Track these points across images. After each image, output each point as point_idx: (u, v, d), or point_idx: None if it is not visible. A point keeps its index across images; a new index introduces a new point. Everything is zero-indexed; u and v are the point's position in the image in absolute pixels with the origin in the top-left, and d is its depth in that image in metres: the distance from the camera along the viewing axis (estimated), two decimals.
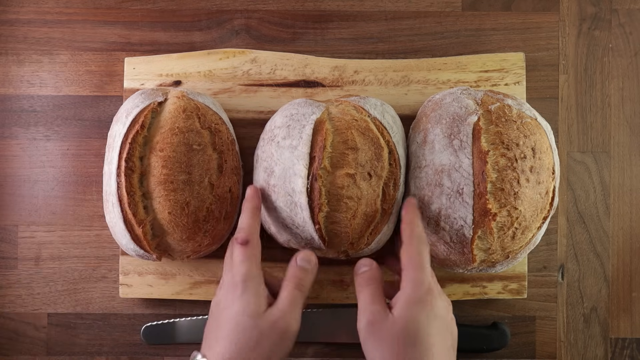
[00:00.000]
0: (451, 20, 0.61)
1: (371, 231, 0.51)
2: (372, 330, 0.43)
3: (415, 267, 0.45)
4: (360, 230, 0.50)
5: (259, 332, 0.43)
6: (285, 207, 0.49)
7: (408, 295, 0.44)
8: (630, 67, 0.61)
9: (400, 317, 0.43)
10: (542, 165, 0.51)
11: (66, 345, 0.59)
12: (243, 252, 0.46)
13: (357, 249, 0.51)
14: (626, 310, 0.60)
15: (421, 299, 0.43)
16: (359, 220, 0.50)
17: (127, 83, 0.58)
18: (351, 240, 0.50)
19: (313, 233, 0.49)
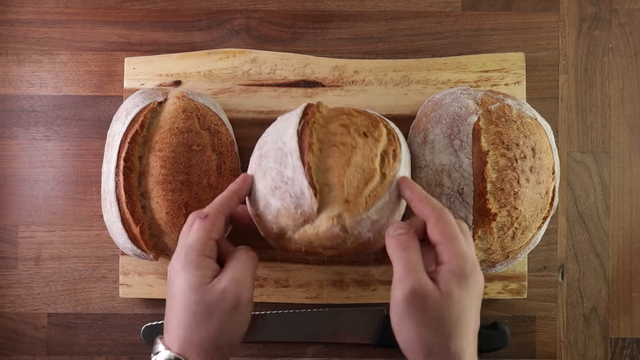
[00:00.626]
0: (451, 20, 0.61)
1: (369, 193, 0.43)
2: (415, 304, 0.37)
3: (453, 238, 0.39)
4: (356, 185, 0.43)
5: (205, 305, 0.40)
6: (275, 165, 0.44)
7: (454, 268, 0.38)
8: (630, 67, 0.61)
9: (449, 293, 0.37)
10: (542, 165, 0.51)
11: (66, 345, 0.59)
12: (197, 224, 0.42)
13: (354, 212, 0.42)
14: (626, 310, 0.60)
15: (469, 274, 0.38)
16: (354, 171, 0.43)
17: (127, 83, 0.58)
18: (346, 196, 0.42)
19: (303, 180, 0.42)
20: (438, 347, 0.38)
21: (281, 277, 0.58)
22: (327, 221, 0.42)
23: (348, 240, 0.42)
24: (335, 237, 0.42)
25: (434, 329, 0.38)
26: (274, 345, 0.59)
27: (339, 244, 0.43)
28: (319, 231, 0.42)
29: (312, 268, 0.58)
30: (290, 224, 0.43)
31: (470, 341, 0.39)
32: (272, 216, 0.44)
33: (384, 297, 0.58)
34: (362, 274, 0.58)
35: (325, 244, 0.43)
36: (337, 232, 0.42)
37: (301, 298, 0.58)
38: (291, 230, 0.44)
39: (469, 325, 0.39)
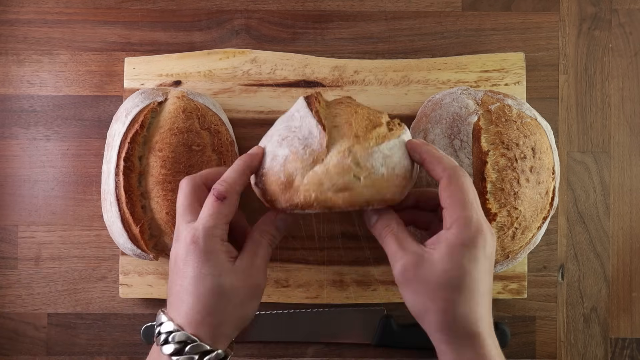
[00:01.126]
0: (451, 20, 0.61)
1: (378, 134, 0.42)
2: (408, 277, 0.39)
3: (459, 204, 0.38)
4: (364, 125, 0.42)
5: (227, 288, 0.40)
6: (284, 121, 0.44)
7: (454, 237, 0.38)
8: (630, 67, 0.61)
9: (442, 261, 0.38)
10: (542, 165, 0.51)
11: (66, 345, 0.59)
12: (216, 207, 0.41)
13: (365, 145, 0.40)
14: (626, 310, 0.60)
15: (470, 240, 0.38)
16: (361, 117, 0.42)
17: (127, 83, 0.58)
18: (355, 131, 0.41)
19: (311, 121, 0.41)
20: (445, 315, 0.38)
21: (281, 277, 0.58)
22: (338, 154, 0.40)
23: (361, 176, 0.39)
24: (347, 171, 0.39)
25: (432, 296, 0.38)
26: (274, 345, 0.59)
27: (352, 182, 0.39)
28: (329, 167, 0.40)
29: (312, 268, 0.58)
30: (298, 167, 0.40)
31: (479, 302, 0.38)
32: (279, 166, 0.41)
33: (384, 297, 0.58)
34: (362, 274, 0.58)
35: (337, 183, 0.39)
36: (348, 163, 0.39)
37: (301, 298, 0.58)
38: (300, 174, 0.40)
39: (475, 288, 0.38)
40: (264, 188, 0.43)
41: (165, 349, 0.40)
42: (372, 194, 0.40)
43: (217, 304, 0.40)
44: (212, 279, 0.40)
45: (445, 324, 0.39)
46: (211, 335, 0.40)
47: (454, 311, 0.38)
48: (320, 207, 0.40)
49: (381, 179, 0.40)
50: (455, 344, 0.39)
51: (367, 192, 0.40)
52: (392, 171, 0.41)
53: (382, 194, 0.40)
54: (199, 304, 0.40)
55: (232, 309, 0.41)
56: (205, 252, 0.40)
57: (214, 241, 0.40)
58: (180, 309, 0.40)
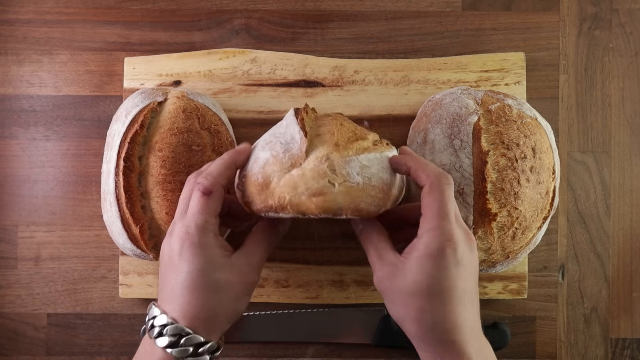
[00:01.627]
0: (451, 20, 0.61)
1: (360, 146, 0.43)
2: (383, 288, 0.41)
3: (436, 213, 0.39)
4: (347, 137, 0.43)
5: (223, 283, 0.41)
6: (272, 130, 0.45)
7: (423, 246, 0.39)
8: (631, 67, 0.61)
9: (411, 271, 0.39)
10: (542, 165, 0.51)
11: (66, 346, 0.59)
12: (203, 202, 0.41)
13: (343, 153, 0.41)
14: (626, 310, 0.60)
15: (438, 250, 0.38)
16: (346, 130, 0.43)
17: (127, 83, 0.58)
18: (336, 140, 0.42)
19: (294, 127, 0.42)
20: (420, 323, 0.39)
21: (281, 277, 0.58)
22: (315, 160, 0.40)
23: (336, 182, 0.40)
24: (322, 176, 0.40)
25: (405, 304, 0.39)
26: (274, 345, 0.59)
27: (326, 188, 0.40)
28: (305, 171, 0.40)
29: (312, 268, 0.58)
30: (277, 169, 0.41)
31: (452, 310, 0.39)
32: (259, 167, 0.42)
33: None
34: (362, 274, 0.58)
35: (312, 187, 0.40)
36: (324, 169, 0.40)
37: (301, 298, 0.58)
38: (277, 176, 0.41)
39: (449, 296, 0.38)
40: (243, 189, 0.43)
41: (160, 341, 0.40)
42: (345, 202, 0.40)
43: (213, 299, 0.41)
44: (209, 274, 0.40)
45: (422, 333, 0.39)
46: (205, 328, 0.41)
47: (427, 320, 0.39)
48: (294, 210, 0.40)
49: (356, 187, 0.40)
50: (433, 352, 0.39)
51: (341, 199, 0.40)
52: (368, 181, 0.41)
53: (356, 202, 0.41)
54: (194, 298, 0.40)
55: (227, 303, 0.41)
56: (200, 247, 0.41)
57: (207, 236, 0.41)
58: (174, 303, 0.41)
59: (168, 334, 0.40)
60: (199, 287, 0.40)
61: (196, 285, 0.40)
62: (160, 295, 0.43)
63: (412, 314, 0.39)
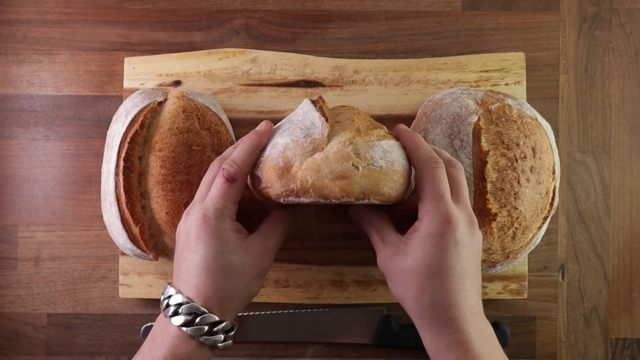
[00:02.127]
0: (451, 20, 0.61)
1: (378, 133, 0.43)
2: (386, 269, 0.43)
3: (431, 196, 0.41)
4: (366, 124, 0.44)
5: (238, 266, 0.42)
6: (286, 120, 0.46)
7: (423, 227, 0.41)
8: (631, 67, 0.61)
9: (412, 251, 0.41)
10: (542, 165, 0.51)
11: (66, 346, 0.59)
12: (225, 188, 0.42)
13: (366, 138, 0.42)
14: (626, 310, 0.60)
15: (437, 230, 0.40)
16: (363, 118, 0.44)
17: (127, 83, 0.58)
18: (357, 127, 0.43)
19: (314, 113, 0.43)
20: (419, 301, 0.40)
21: (281, 277, 0.58)
22: (338, 144, 0.41)
23: (360, 165, 0.40)
24: (346, 159, 0.40)
25: (406, 284, 0.41)
26: (274, 345, 0.59)
27: (350, 170, 0.40)
28: (329, 154, 0.40)
29: (312, 268, 0.58)
30: (298, 153, 0.41)
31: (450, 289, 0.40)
32: (278, 152, 0.42)
33: (384, 297, 0.58)
34: (362, 274, 0.58)
35: (335, 170, 0.40)
36: (348, 152, 0.40)
37: (301, 298, 0.58)
38: (299, 160, 0.41)
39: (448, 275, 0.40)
40: (259, 176, 0.43)
41: (175, 320, 0.41)
42: (369, 185, 0.40)
43: (228, 280, 0.42)
44: (224, 256, 0.41)
45: (421, 311, 0.41)
46: (220, 308, 0.42)
47: (426, 298, 0.40)
48: (317, 194, 0.40)
49: (380, 171, 0.41)
50: (431, 330, 0.40)
51: (365, 182, 0.40)
52: (390, 165, 0.41)
53: (379, 187, 0.41)
54: (209, 278, 0.41)
55: (241, 285, 0.42)
56: (217, 230, 0.42)
57: (224, 220, 0.42)
58: (190, 283, 0.42)
59: (183, 313, 0.41)
60: (214, 268, 0.41)
61: (212, 266, 0.41)
62: (176, 275, 0.43)
63: (412, 292, 0.41)
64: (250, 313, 0.58)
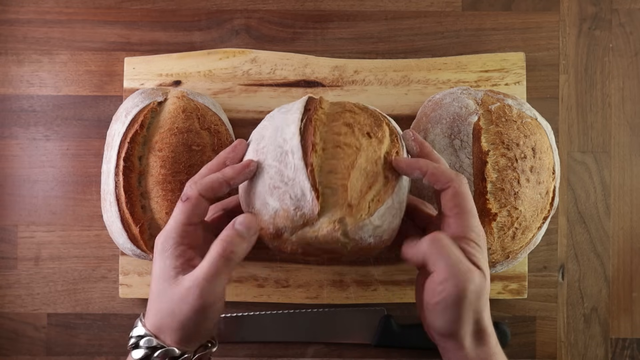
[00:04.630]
0: (451, 20, 0.61)
1: (373, 198, 0.42)
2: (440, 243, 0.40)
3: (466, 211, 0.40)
4: (359, 189, 0.41)
5: (171, 299, 0.39)
6: (274, 163, 0.42)
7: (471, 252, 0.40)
8: (631, 66, 0.61)
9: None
10: (542, 165, 0.51)
11: (66, 345, 0.59)
12: (178, 207, 0.40)
13: (357, 217, 0.41)
14: (627, 310, 0.60)
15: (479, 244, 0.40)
16: (358, 174, 0.41)
17: (127, 83, 0.58)
18: (349, 200, 0.41)
19: (304, 181, 0.40)
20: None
21: (281, 277, 0.58)
22: (329, 225, 0.41)
23: (348, 245, 0.41)
24: (335, 242, 0.41)
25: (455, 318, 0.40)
26: (274, 345, 0.59)
27: (338, 249, 0.41)
28: (318, 234, 0.41)
29: (312, 268, 0.58)
30: (288, 225, 0.41)
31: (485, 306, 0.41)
32: (269, 216, 0.42)
33: (384, 297, 0.58)
34: (362, 274, 0.58)
35: (324, 247, 0.41)
36: (337, 236, 0.40)
37: (301, 298, 0.58)
38: (289, 232, 0.41)
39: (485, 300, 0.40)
40: None
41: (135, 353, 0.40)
42: (357, 256, 0.43)
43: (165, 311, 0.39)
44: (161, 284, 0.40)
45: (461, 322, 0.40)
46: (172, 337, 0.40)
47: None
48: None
49: (367, 247, 0.42)
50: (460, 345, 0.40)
51: (352, 256, 0.43)
52: (379, 239, 0.42)
53: (367, 255, 0.44)
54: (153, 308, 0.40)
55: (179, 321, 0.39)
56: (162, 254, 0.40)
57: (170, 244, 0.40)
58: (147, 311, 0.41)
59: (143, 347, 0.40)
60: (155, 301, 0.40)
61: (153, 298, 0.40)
62: None
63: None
64: (250, 313, 0.58)
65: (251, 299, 0.58)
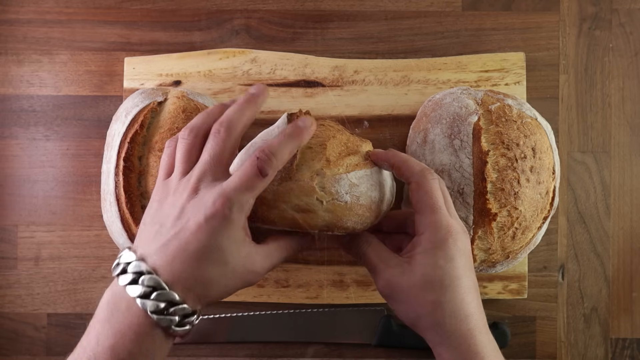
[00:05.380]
0: (451, 20, 0.61)
1: (351, 162, 0.43)
2: (391, 291, 0.41)
3: (430, 208, 0.40)
4: (338, 151, 0.43)
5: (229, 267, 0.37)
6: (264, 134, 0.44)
7: (427, 241, 0.40)
8: (631, 66, 0.61)
9: (420, 266, 0.39)
10: (542, 165, 0.51)
11: (66, 346, 0.59)
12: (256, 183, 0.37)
13: (334, 171, 0.41)
14: (627, 310, 0.60)
15: (441, 242, 0.39)
16: (337, 142, 0.43)
17: (127, 83, 0.58)
18: (327, 156, 0.42)
19: None
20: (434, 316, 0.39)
21: (281, 277, 0.58)
22: (305, 176, 0.41)
23: (324, 200, 0.40)
24: (311, 193, 0.40)
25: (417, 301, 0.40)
26: (274, 345, 0.59)
27: (314, 205, 0.40)
28: (294, 187, 0.40)
29: (312, 268, 0.58)
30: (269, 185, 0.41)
31: (464, 299, 0.39)
32: None
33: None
34: (362, 274, 0.58)
35: (300, 203, 0.40)
36: (313, 185, 0.40)
37: (301, 298, 0.58)
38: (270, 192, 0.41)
39: (457, 284, 0.39)
40: None
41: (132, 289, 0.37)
42: (332, 219, 0.41)
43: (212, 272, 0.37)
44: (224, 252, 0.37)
45: (437, 325, 0.39)
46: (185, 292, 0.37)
47: (441, 312, 0.39)
48: (281, 223, 0.41)
49: (343, 206, 0.41)
50: (449, 343, 0.39)
51: (328, 216, 0.41)
52: (356, 200, 0.42)
53: (343, 221, 0.42)
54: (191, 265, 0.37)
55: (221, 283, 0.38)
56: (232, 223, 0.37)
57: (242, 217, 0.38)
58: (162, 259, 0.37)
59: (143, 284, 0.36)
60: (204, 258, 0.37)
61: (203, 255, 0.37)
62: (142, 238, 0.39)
63: (427, 308, 0.39)
64: (250, 313, 0.58)
65: (251, 299, 0.58)
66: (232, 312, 0.58)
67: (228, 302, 0.58)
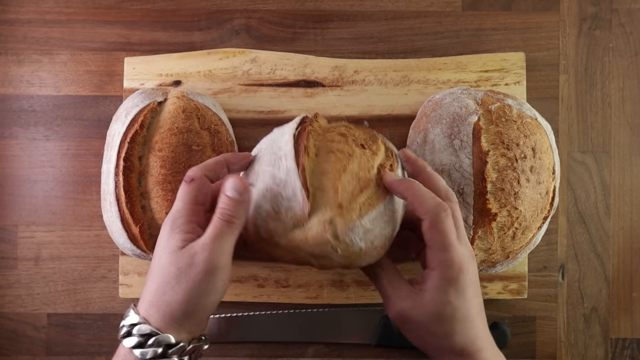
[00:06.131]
0: (451, 20, 0.61)
1: (364, 201, 0.41)
2: (405, 319, 0.42)
3: (442, 247, 0.40)
4: (351, 191, 0.41)
5: (177, 268, 0.39)
6: (268, 168, 0.42)
7: (439, 278, 0.40)
8: (631, 66, 0.61)
9: (432, 302, 0.40)
10: (542, 165, 0.51)
11: (66, 346, 0.59)
12: (181, 189, 0.41)
13: (347, 218, 0.40)
14: (626, 310, 0.60)
15: (454, 279, 0.40)
16: (349, 177, 0.41)
17: (127, 83, 0.58)
18: (340, 200, 0.40)
19: (296, 181, 0.40)
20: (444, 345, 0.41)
21: (281, 277, 0.58)
22: (318, 225, 0.40)
23: (338, 248, 0.40)
24: (325, 243, 0.40)
25: (428, 331, 0.41)
26: (274, 345, 0.59)
27: (329, 252, 0.40)
28: (308, 236, 0.40)
29: (312, 268, 0.58)
30: (279, 228, 0.41)
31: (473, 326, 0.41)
32: (261, 219, 0.41)
33: None
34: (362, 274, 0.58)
35: (314, 251, 0.40)
36: (327, 237, 0.39)
37: (301, 298, 0.58)
38: (279, 235, 0.41)
39: (467, 315, 0.40)
40: (246, 233, 0.43)
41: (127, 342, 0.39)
42: (346, 262, 0.42)
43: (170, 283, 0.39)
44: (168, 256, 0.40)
45: (446, 351, 0.41)
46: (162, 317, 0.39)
47: (452, 340, 0.41)
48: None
49: (358, 252, 0.41)
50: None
51: (343, 260, 0.41)
52: (370, 245, 0.41)
53: (358, 262, 0.42)
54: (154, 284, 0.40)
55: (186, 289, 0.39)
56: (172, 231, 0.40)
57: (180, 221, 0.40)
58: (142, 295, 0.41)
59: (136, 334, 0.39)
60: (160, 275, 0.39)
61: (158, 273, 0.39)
62: None
63: (439, 339, 0.41)
64: (250, 313, 0.58)
65: (251, 299, 0.58)
66: (232, 312, 0.58)
67: (228, 302, 0.58)
